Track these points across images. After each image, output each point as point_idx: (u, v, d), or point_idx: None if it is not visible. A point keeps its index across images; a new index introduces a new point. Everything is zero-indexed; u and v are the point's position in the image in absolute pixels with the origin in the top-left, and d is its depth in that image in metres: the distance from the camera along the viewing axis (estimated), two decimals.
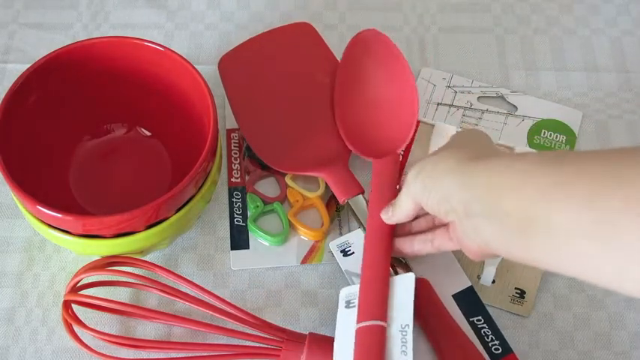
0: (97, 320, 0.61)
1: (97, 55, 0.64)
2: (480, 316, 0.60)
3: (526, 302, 0.62)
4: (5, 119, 0.59)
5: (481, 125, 0.71)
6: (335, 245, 0.63)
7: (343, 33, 0.76)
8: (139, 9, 0.78)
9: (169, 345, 0.59)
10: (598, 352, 0.61)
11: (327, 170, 0.65)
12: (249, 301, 0.63)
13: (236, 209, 0.66)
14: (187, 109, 0.64)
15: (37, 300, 0.63)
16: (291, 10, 0.78)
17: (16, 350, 0.61)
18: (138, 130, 0.68)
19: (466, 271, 0.62)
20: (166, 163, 0.66)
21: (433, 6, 0.78)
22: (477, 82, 0.73)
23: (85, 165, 0.66)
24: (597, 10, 0.78)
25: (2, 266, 0.64)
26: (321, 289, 0.63)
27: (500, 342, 0.59)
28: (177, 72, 0.63)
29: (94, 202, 0.65)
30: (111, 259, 0.59)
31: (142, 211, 0.56)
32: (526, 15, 0.78)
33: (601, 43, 0.76)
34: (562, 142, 0.70)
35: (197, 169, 0.57)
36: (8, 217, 0.66)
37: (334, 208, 0.66)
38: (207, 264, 0.64)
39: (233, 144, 0.69)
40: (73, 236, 0.58)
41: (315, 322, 0.62)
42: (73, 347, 0.61)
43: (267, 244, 0.65)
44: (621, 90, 0.73)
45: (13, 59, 0.75)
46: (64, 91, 0.64)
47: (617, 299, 0.63)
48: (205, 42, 0.76)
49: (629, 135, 0.71)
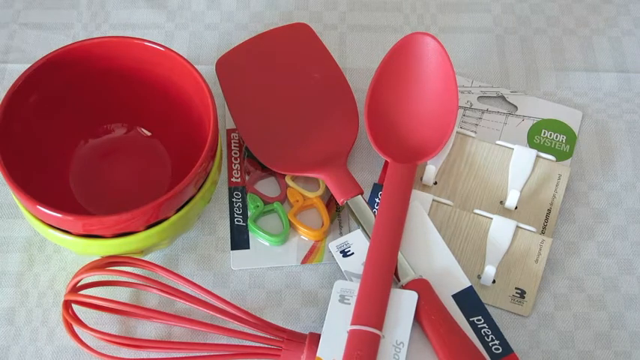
0: (97, 320, 0.61)
1: (97, 55, 0.64)
2: (480, 316, 0.60)
3: (526, 302, 0.62)
4: (5, 119, 0.59)
5: (481, 125, 0.71)
6: (334, 246, 0.63)
7: (343, 33, 0.76)
8: (139, 9, 0.78)
9: (169, 345, 0.59)
10: (598, 352, 0.61)
11: (325, 171, 0.65)
12: (250, 301, 0.63)
13: (236, 209, 0.66)
14: (187, 109, 0.64)
15: (37, 300, 0.63)
16: (291, 10, 0.78)
17: (16, 350, 0.61)
18: (138, 130, 0.68)
19: (466, 271, 0.63)
20: (166, 163, 0.66)
21: (433, 6, 0.78)
22: (477, 82, 0.73)
23: (85, 165, 0.66)
24: (597, 10, 0.78)
25: (2, 266, 0.64)
26: (322, 289, 0.63)
27: (500, 342, 0.59)
28: (178, 72, 0.63)
29: (94, 202, 0.65)
30: (111, 259, 0.59)
31: (142, 211, 0.56)
32: (526, 15, 0.78)
33: (601, 43, 0.76)
34: (562, 142, 0.70)
35: (197, 169, 0.57)
36: (8, 217, 0.66)
37: (334, 208, 0.66)
38: (207, 264, 0.64)
39: (233, 144, 0.69)
40: (73, 236, 0.58)
41: (315, 322, 0.62)
42: (73, 347, 0.61)
43: (268, 244, 0.65)
44: (621, 90, 0.73)
45: (13, 59, 0.74)
46: (64, 91, 0.64)
47: (617, 299, 0.63)
48: (205, 42, 0.76)
49: (629, 135, 0.71)
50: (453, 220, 0.65)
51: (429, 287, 0.60)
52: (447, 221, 0.65)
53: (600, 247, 0.65)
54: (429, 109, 0.67)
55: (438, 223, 0.64)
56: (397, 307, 0.58)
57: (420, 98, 0.68)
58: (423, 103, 0.68)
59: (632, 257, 0.65)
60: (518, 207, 0.66)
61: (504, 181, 0.67)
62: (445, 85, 0.67)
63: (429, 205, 0.65)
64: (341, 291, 0.59)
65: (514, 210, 0.66)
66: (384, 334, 0.57)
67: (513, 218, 0.65)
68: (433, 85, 0.68)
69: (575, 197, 0.68)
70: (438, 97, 0.67)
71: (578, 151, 0.70)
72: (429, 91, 0.68)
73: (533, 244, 0.64)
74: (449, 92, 0.67)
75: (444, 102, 0.67)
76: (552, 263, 0.64)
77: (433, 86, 0.68)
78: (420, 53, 0.68)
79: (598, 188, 0.68)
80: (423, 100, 0.68)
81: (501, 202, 0.66)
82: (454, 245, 0.64)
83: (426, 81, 0.68)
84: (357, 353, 0.56)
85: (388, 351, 0.56)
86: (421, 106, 0.68)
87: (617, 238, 0.66)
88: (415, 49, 0.68)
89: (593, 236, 0.66)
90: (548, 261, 0.64)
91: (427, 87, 0.68)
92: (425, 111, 0.68)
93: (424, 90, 0.68)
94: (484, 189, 0.67)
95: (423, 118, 0.67)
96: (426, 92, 0.68)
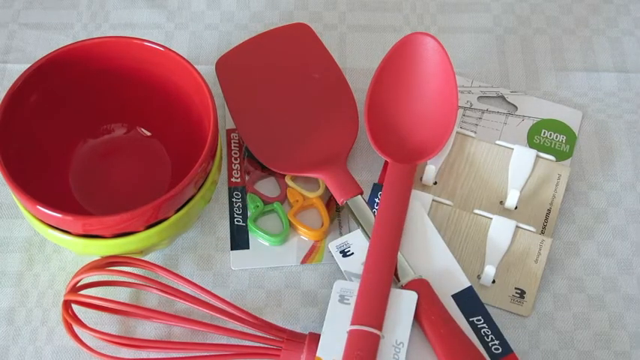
0: (97, 320, 0.61)
1: (97, 55, 0.64)
2: (479, 316, 0.60)
3: (526, 302, 0.62)
4: (5, 119, 0.59)
5: (481, 125, 0.71)
6: (334, 246, 0.63)
7: (343, 33, 0.76)
8: (139, 9, 0.78)
9: (169, 345, 0.59)
10: (598, 352, 0.61)
11: (325, 171, 0.65)
12: (249, 301, 0.63)
13: (236, 209, 0.66)
14: (187, 109, 0.64)
15: (37, 300, 0.63)
16: (291, 10, 0.78)
17: (16, 350, 0.61)
18: (138, 130, 0.68)
19: (466, 271, 0.63)
20: (166, 163, 0.66)
21: (433, 6, 0.78)
22: (476, 82, 0.73)
23: (85, 165, 0.66)
24: (597, 10, 0.78)
25: (2, 266, 0.64)
26: (321, 289, 0.63)
27: (500, 342, 0.59)
28: (178, 72, 0.63)
29: (94, 202, 0.65)
30: (111, 259, 0.59)
31: (141, 211, 0.56)
32: (526, 15, 0.78)
33: (601, 43, 0.76)
34: (562, 142, 0.70)
35: (197, 169, 0.57)
36: (8, 217, 0.66)
37: (334, 208, 0.66)
38: (207, 264, 0.64)
39: (233, 144, 0.69)
40: (72, 236, 0.58)
41: (315, 322, 0.62)
42: (73, 347, 0.61)
43: (267, 244, 0.65)
44: (621, 90, 0.73)
45: (13, 59, 0.75)
46: (64, 91, 0.64)
47: (617, 299, 0.63)
48: (205, 42, 0.76)
49: (629, 135, 0.71)
50: (453, 220, 0.65)
51: (428, 287, 0.60)
52: (447, 221, 0.65)
53: (600, 247, 0.65)
54: (429, 109, 0.67)
55: (437, 223, 0.64)
56: (397, 307, 0.58)
57: (419, 98, 0.68)
58: (423, 103, 0.68)
59: (632, 257, 0.65)
60: (518, 207, 0.66)
61: (504, 181, 0.67)
62: (445, 85, 0.67)
63: (428, 205, 0.65)
64: (341, 291, 0.59)
65: (514, 210, 0.66)
66: (384, 334, 0.57)
67: (513, 218, 0.65)
68: (433, 85, 0.68)
69: (574, 197, 0.68)
70: (438, 97, 0.67)
71: (578, 151, 0.70)
72: (429, 91, 0.68)
73: (533, 244, 0.64)
74: (449, 92, 0.67)
75: (443, 102, 0.67)
76: (552, 263, 0.64)
77: (433, 86, 0.68)
78: (419, 53, 0.68)
79: (598, 188, 0.68)
80: (423, 100, 0.68)
81: (501, 202, 0.66)
82: (454, 245, 0.64)
83: (425, 81, 0.68)
84: (356, 353, 0.56)
85: (388, 351, 0.56)
86: (421, 106, 0.68)
87: (616, 238, 0.66)
88: (415, 49, 0.68)
89: (592, 236, 0.66)
90: (547, 261, 0.64)
91: (427, 87, 0.68)
92: (425, 111, 0.68)
93: (424, 90, 0.68)
94: (484, 189, 0.67)
95: (422, 118, 0.67)
96: (426, 92, 0.68)
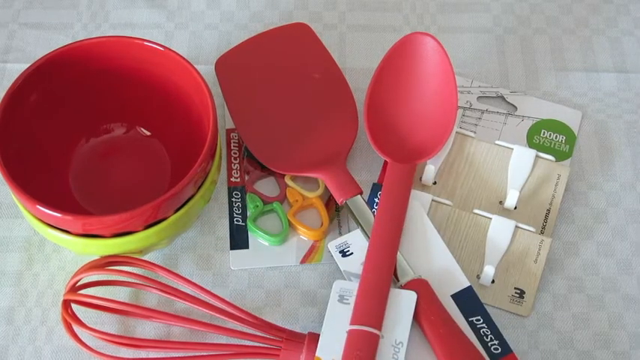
0: (97, 320, 0.61)
1: (96, 54, 0.64)
2: (479, 316, 0.60)
3: (525, 302, 0.62)
4: (5, 119, 0.59)
5: (480, 125, 0.71)
6: (334, 246, 0.63)
7: (343, 33, 0.76)
8: (139, 9, 0.78)
9: (169, 345, 0.59)
10: (598, 352, 0.61)
11: (324, 171, 0.65)
12: (249, 300, 0.63)
13: (236, 209, 0.66)
14: (187, 108, 0.64)
15: (37, 300, 0.63)
16: (290, 10, 0.78)
17: (16, 350, 0.61)
18: (137, 130, 0.68)
19: (465, 271, 0.63)
20: (166, 163, 0.67)
21: (433, 6, 0.78)
22: (476, 82, 0.73)
23: (85, 165, 0.66)
24: (597, 10, 0.78)
25: (2, 266, 0.64)
26: (321, 289, 0.63)
27: (499, 342, 0.59)
28: (177, 72, 0.63)
29: (94, 201, 0.65)
30: (110, 259, 0.59)
31: (141, 210, 0.56)
32: (526, 15, 0.78)
33: (601, 43, 0.76)
34: (562, 142, 0.70)
35: (196, 169, 0.58)
36: (8, 217, 0.66)
37: (334, 207, 0.66)
38: (206, 264, 0.64)
39: (233, 144, 0.69)
40: (72, 236, 0.58)
41: (314, 322, 0.62)
42: (73, 347, 0.61)
43: (267, 243, 0.65)
44: (621, 90, 0.73)
45: (13, 59, 0.75)
46: (63, 90, 0.64)
47: (617, 299, 0.63)
48: (205, 42, 0.76)
49: (628, 135, 0.71)
50: (453, 220, 0.65)
51: (428, 287, 0.60)
52: (447, 221, 0.65)
53: (599, 247, 0.65)
54: (429, 109, 0.67)
55: (437, 223, 0.64)
56: (396, 307, 0.58)
57: (419, 98, 0.68)
58: (423, 103, 0.68)
59: (632, 257, 0.65)
60: (518, 207, 0.66)
61: (504, 181, 0.67)
62: (445, 85, 0.67)
63: (428, 205, 0.65)
64: (340, 291, 0.59)
65: (513, 210, 0.66)
66: (383, 334, 0.57)
67: (512, 218, 0.65)
68: (433, 85, 0.68)
69: (574, 197, 0.68)
70: (438, 97, 0.67)
71: (578, 151, 0.70)
72: (429, 91, 0.68)
73: (533, 244, 0.64)
74: (448, 92, 0.67)
75: (443, 102, 0.67)
76: (551, 263, 0.64)
77: (433, 86, 0.68)
78: (419, 53, 0.68)
79: (597, 188, 0.68)
80: (423, 100, 0.68)
81: (501, 202, 0.66)
82: (453, 245, 0.64)
83: (425, 81, 0.68)
84: (356, 353, 0.56)
85: (387, 351, 0.56)
86: (421, 106, 0.68)
87: (616, 238, 0.66)
88: (415, 49, 0.68)
89: (592, 236, 0.66)
90: (547, 261, 0.64)
91: (427, 87, 0.68)
92: (424, 111, 0.68)
93: (424, 90, 0.68)
94: (483, 189, 0.67)
95: (422, 118, 0.67)
96: (426, 92, 0.68)
